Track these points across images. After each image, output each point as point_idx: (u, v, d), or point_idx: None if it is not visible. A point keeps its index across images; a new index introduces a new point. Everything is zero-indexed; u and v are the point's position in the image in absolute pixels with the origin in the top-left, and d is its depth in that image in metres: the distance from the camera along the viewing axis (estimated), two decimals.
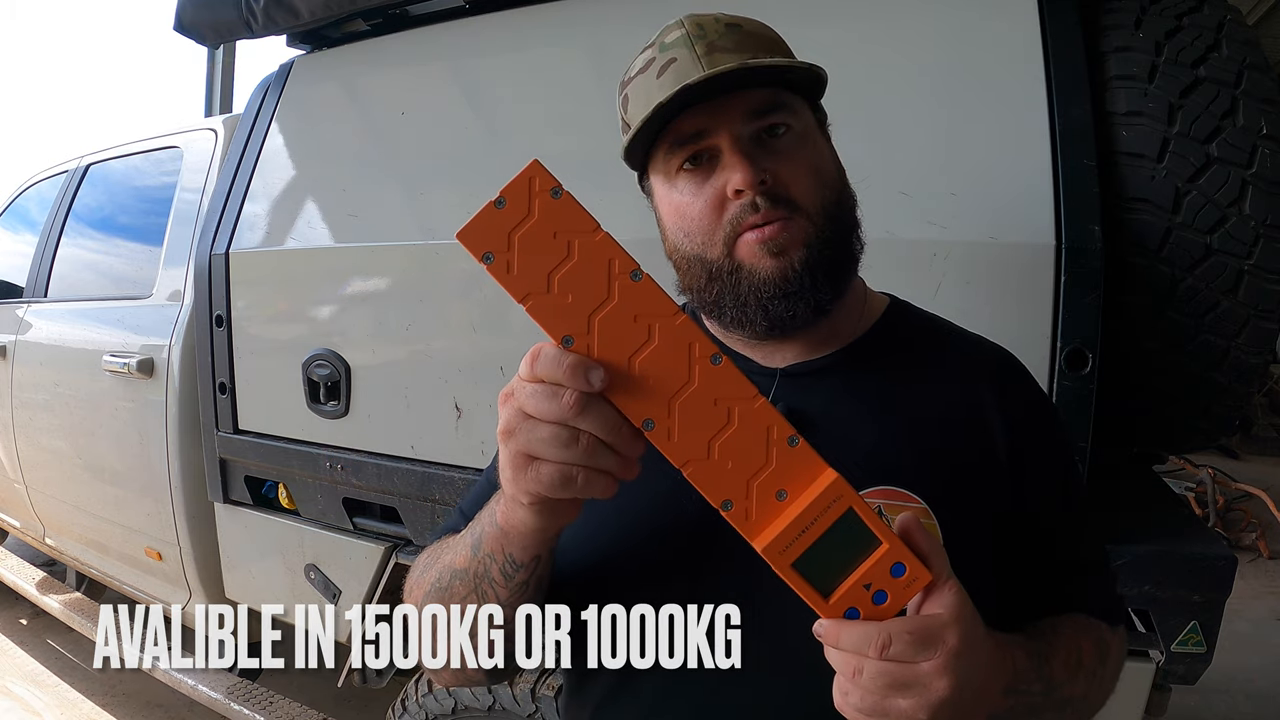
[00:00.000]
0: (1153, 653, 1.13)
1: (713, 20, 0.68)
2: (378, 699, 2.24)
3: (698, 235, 0.67)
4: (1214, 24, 1.12)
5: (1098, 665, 0.68)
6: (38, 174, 2.89)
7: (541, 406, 0.49)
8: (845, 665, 0.50)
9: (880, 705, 0.50)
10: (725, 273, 0.67)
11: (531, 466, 0.51)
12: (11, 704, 2.61)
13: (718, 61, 0.64)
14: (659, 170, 0.70)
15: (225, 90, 4.96)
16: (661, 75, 0.66)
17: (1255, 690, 2.79)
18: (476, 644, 0.66)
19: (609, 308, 0.49)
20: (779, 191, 0.65)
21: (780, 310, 0.67)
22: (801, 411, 0.69)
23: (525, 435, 0.50)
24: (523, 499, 0.53)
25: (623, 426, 0.50)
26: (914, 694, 0.49)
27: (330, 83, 1.83)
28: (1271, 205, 1.04)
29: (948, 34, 1.24)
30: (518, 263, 0.48)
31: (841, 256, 0.69)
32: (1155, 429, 1.25)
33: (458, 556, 0.65)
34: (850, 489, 0.50)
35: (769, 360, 0.73)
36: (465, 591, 0.64)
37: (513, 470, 0.52)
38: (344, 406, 1.63)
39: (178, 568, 2.10)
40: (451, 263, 1.49)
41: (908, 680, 0.49)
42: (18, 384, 2.55)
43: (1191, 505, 4.19)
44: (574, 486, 0.50)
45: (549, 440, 0.49)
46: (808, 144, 0.68)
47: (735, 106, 0.65)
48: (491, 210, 0.48)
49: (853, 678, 0.50)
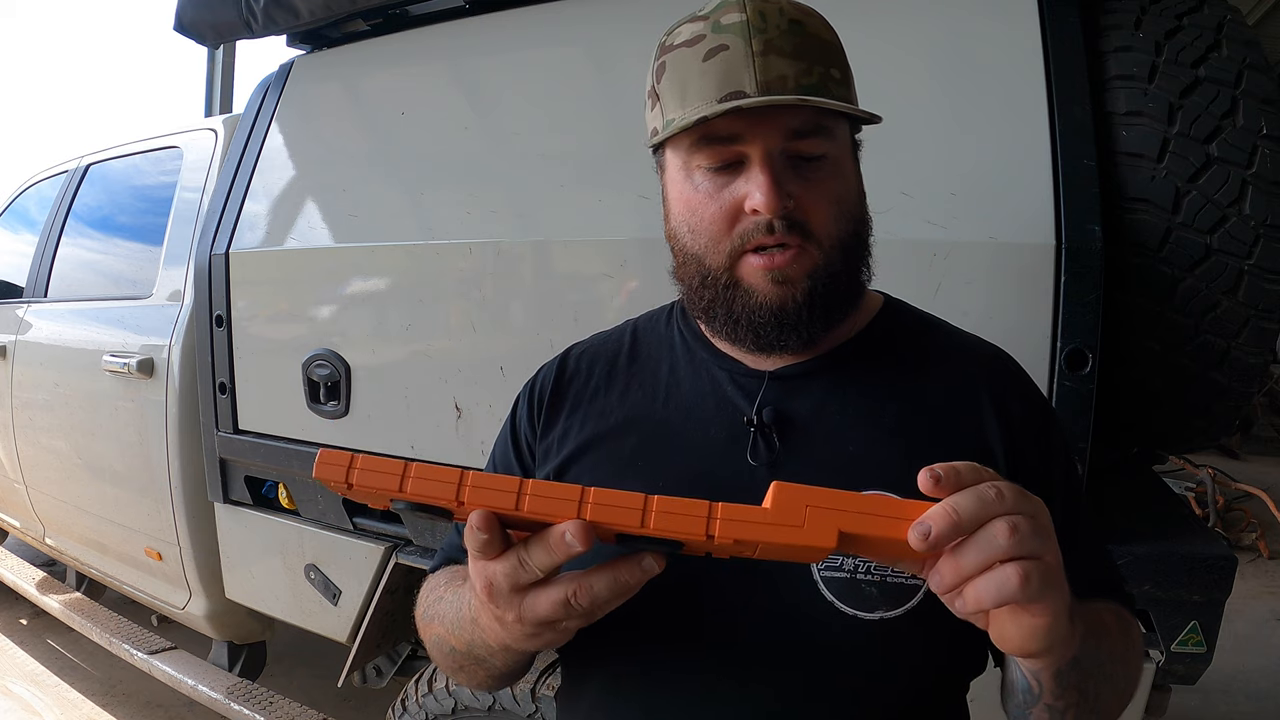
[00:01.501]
0: (1153, 653, 1.13)
1: (777, 13, 0.63)
2: (378, 699, 2.25)
3: (702, 237, 0.65)
4: (1214, 24, 1.12)
5: (1126, 649, 0.65)
6: (38, 174, 2.89)
7: (556, 609, 0.52)
8: (997, 532, 0.45)
9: (1045, 574, 0.45)
10: (722, 285, 0.66)
11: (533, 633, 0.54)
12: (11, 704, 2.61)
13: (773, 66, 0.61)
14: (679, 155, 0.66)
15: (225, 90, 4.96)
16: (708, 60, 0.62)
17: (1255, 690, 2.79)
18: (485, 685, 0.70)
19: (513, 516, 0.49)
20: (797, 218, 0.63)
21: (772, 337, 0.66)
22: (790, 415, 0.68)
23: (530, 605, 0.52)
24: (515, 646, 0.57)
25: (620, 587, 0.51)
26: (1051, 548, 0.46)
27: (330, 83, 1.83)
28: (1271, 205, 1.04)
29: (947, 34, 1.24)
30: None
31: (845, 290, 0.67)
32: (1155, 429, 1.25)
33: (453, 636, 0.67)
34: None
35: (757, 362, 0.72)
36: (469, 663, 0.67)
37: (500, 628, 0.55)
38: (344, 406, 1.63)
39: (178, 568, 2.10)
40: (451, 263, 1.49)
41: (1043, 530, 0.46)
42: (18, 384, 2.55)
43: (1191, 505, 4.18)
44: (563, 634, 0.54)
45: (549, 610, 0.52)
46: (839, 172, 0.66)
47: (778, 123, 0.62)
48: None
49: (1009, 536, 0.45)
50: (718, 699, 0.65)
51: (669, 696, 0.66)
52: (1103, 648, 0.59)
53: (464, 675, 0.69)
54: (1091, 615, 0.59)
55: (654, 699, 0.67)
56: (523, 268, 1.44)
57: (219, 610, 2.09)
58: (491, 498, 0.48)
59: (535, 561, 0.49)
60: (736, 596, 0.64)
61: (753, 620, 0.64)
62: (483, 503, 0.48)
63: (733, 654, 0.65)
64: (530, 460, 0.78)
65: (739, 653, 0.64)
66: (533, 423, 0.78)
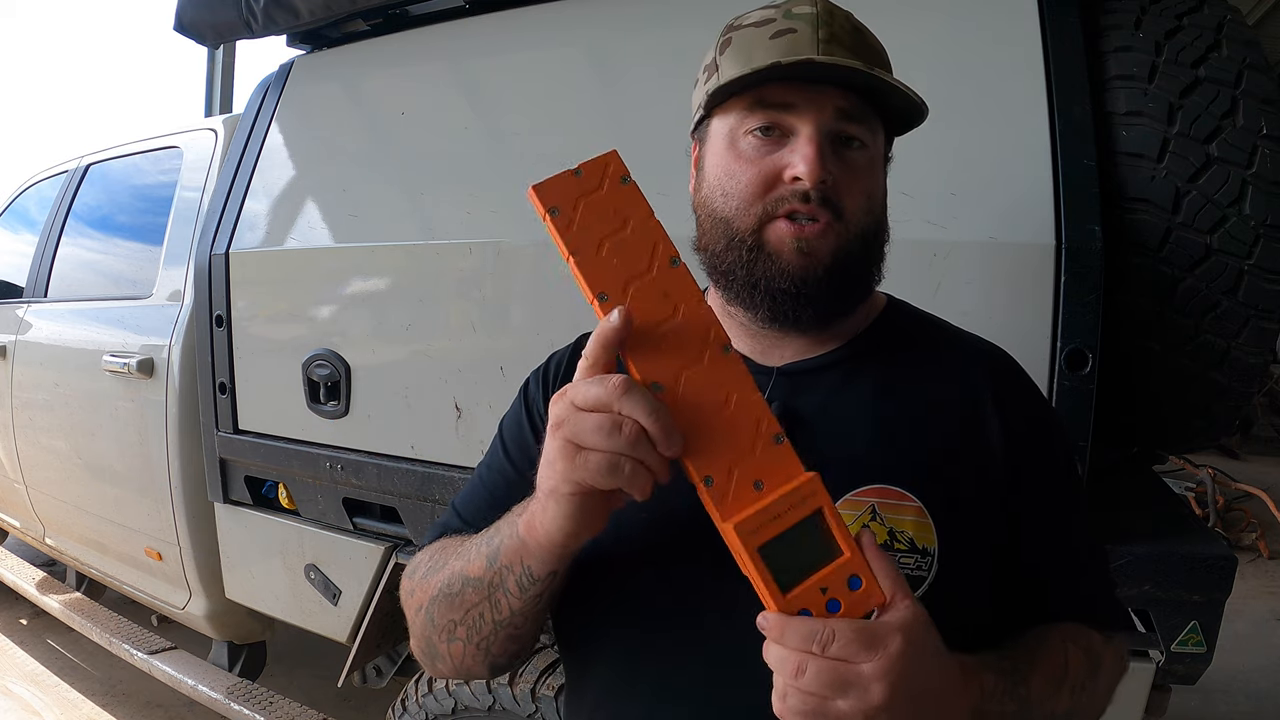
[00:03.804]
0: (1153, 653, 1.13)
1: (844, 15, 0.68)
2: (378, 699, 2.25)
3: (735, 199, 0.67)
4: (1214, 24, 1.12)
5: (1087, 678, 0.68)
6: (38, 174, 2.89)
7: (590, 392, 0.51)
8: (786, 663, 0.50)
9: (819, 708, 0.50)
10: (746, 248, 0.67)
11: (580, 455, 0.52)
12: (11, 704, 2.61)
13: (834, 52, 0.64)
14: (728, 121, 0.69)
15: (225, 90, 4.97)
16: (775, 38, 0.66)
17: (1255, 690, 2.79)
18: (483, 647, 0.67)
19: (645, 279, 0.53)
20: (832, 196, 0.65)
21: (787, 307, 0.67)
22: (796, 411, 0.69)
23: (574, 426, 0.52)
24: (565, 488, 0.54)
25: (661, 411, 0.51)
26: (852, 697, 0.49)
27: (330, 83, 1.83)
28: (1271, 205, 1.04)
29: (947, 34, 1.24)
30: (578, 222, 0.53)
31: (861, 277, 0.69)
32: (1155, 429, 1.25)
33: (470, 564, 0.65)
34: (824, 491, 0.53)
35: (766, 358, 0.73)
36: (477, 599, 0.64)
37: (561, 460, 0.53)
38: (344, 406, 1.63)
39: (178, 568, 2.10)
40: (451, 263, 1.49)
41: (848, 680, 0.49)
42: (18, 384, 2.55)
43: (1191, 505, 4.18)
44: (621, 475, 0.51)
45: (595, 429, 0.51)
46: (873, 167, 0.69)
47: (831, 100, 0.65)
48: (569, 176, 0.54)
49: (794, 676, 0.50)
50: (723, 699, 0.65)
51: (674, 697, 0.67)
52: (1032, 707, 0.62)
53: (464, 629, 0.67)
54: (1022, 664, 0.63)
55: (658, 698, 0.67)
56: (523, 268, 1.44)
57: (219, 610, 2.09)
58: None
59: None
60: (736, 589, 0.64)
61: (751, 618, 0.64)
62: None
63: (731, 651, 0.65)
64: (541, 429, 0.78)
65: (737, 649, 0.64)
66: (546, 396, 0.78)
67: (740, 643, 0.64)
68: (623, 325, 0.51)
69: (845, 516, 0.65)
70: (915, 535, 0.65)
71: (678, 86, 0.86)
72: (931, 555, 0.65)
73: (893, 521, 0.65)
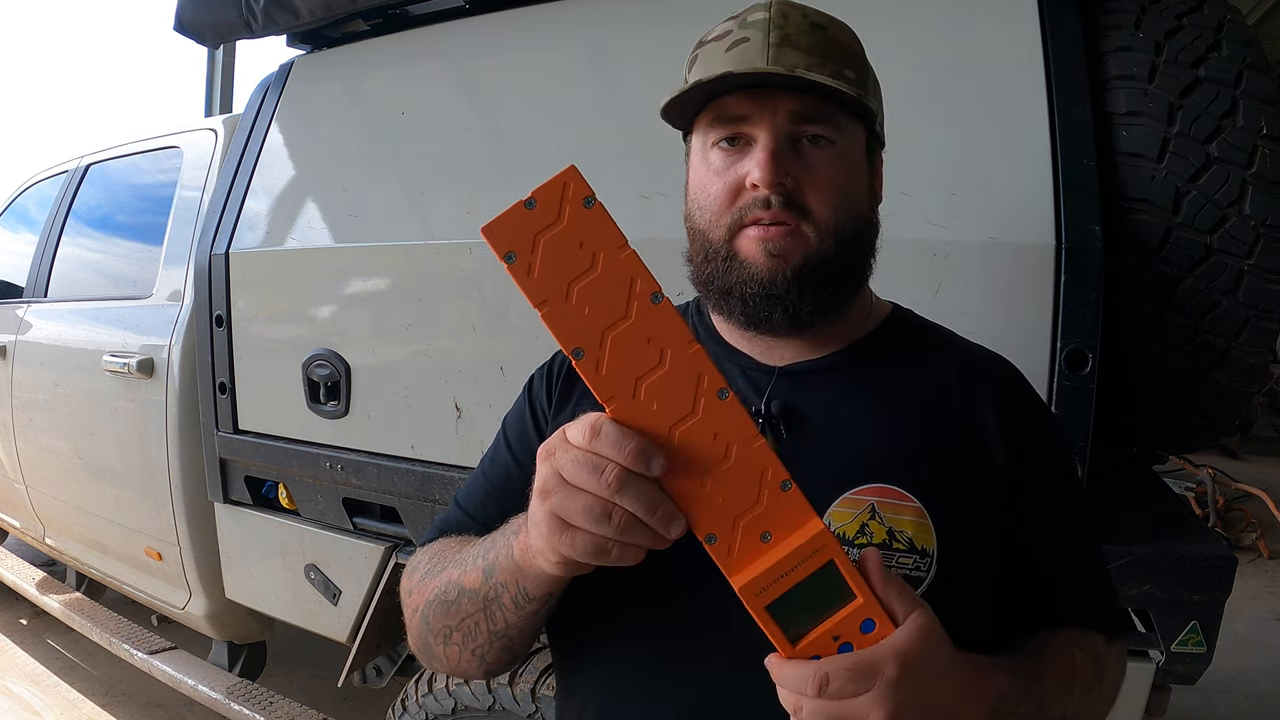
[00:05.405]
0: (1153, 653, 1.13)
1: (800, 14, 0.68)
2: (378, 699, 2.25)
3: (708, 212, 0.69)
4: (1214, 24, 1.12)
5: (1093, 681, 0.68)
6: (38, 174, 2.89)
7: (581, 477, 0.48)
8: (788, 703, 0.51)
9: None
10: (720, 258, 0.68)
11: (566, 532, 0.50)
12: (11, 704, 2.61)
13: (785, 56, 0.65)
14: (699, 137, 0.71)
15: (225, 90, 4.96)
16: (729, 50, 0.67)
17: (1255, 690, 2.79)
18: (479, 654, 0.67)
19: (624, 326, 0.48)
20: (795, 198, 0.66)
21: (757, 310, 0.67)
22: (797, 408, 0.69)
23: (561, 501, 0.49)
24: (551, 557, 0.53)
25: (660, 506, 0.48)
26: None
27: (330, 83, 1.83)
28: (1271, 205, 1.04)
29: (947, 34, 1.24)
30: (539, 267, 0.47)
31: (837, 277, 0.69)
32: (1155, 429, 1.25)
33: (466, 574, 0.65)
34: (834, 541, 0.50)
35: (767, 358, 0.73)
36: (473, 610, 0.64)
37: (547, 529, 0.51)
38: (344, 406, 1.63)
39: (178, 568, 2.10)
40: (451, 263, 1.49)
41: (845, 714, 0.49)
42: (18, 384, 2.55)
43: (1191, 505, 4.18)
44: (607, 558, 0.50)
45: (584, 512, 0.48)
46: (843, 163, 0.69)
47: (783, 105, 0.66)
48: (521, 209, 0.47)
49: (795, 716, 0.51)
50: (714, 703, 0.65)
51: (666, 700, 0.67)
52: (1045, 709, 0.63)
53: (459, 635, 0.66)
54: (1033, 666, 0.64)
55: (649, 701, 0.67)
56: None
57: (219, 610, 2.09)
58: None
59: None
60: (726, 596, 0.64)
61: (742, 625, 0.64)
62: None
63: (721, 658, 0.65)
64: (546, 429, 0.78)
65: (727, 657, 0.65)
66: (549, 394, 0.79)
67: (729, 650, 0.64)
68: (660, 471, 0.48)
69: (844, 514, 0.66)
70: (914, 536, 0.65)
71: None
72: (930, 556, 0.65)
73: (892, 521, 0.65)
